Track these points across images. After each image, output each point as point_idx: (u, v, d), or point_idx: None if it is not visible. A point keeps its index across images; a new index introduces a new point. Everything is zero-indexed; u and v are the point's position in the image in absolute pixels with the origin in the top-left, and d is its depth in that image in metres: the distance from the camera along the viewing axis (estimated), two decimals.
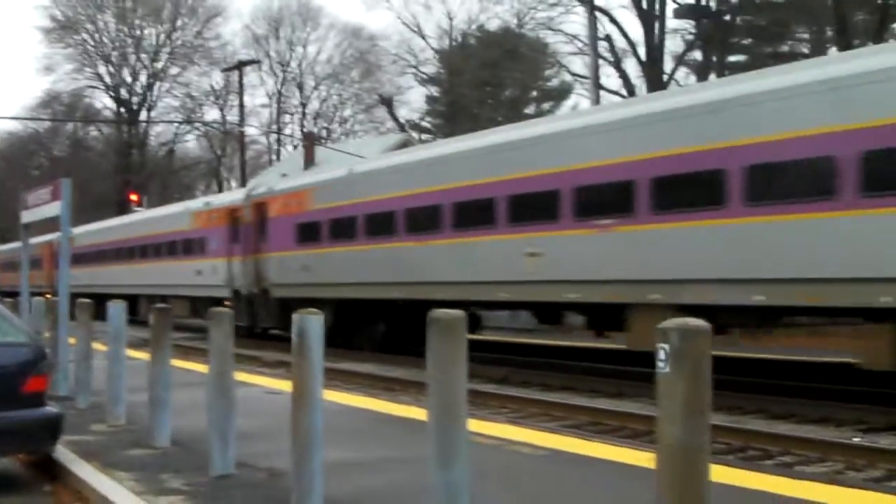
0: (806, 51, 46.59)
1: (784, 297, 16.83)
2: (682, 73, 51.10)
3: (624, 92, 48.47)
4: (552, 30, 53.29)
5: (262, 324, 34.33)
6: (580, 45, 51.50)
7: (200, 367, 18.34)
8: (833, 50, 39.90)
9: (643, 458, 9.31)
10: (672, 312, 17.42)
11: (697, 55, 50.95)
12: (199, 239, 40.30)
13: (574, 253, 20.80)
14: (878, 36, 37.97)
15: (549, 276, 21.36)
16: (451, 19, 78.22)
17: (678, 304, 18.05)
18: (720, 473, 8.40)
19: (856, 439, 14.41)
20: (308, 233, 31.39)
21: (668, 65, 49.74)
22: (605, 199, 20.20)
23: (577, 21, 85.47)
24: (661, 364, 4.97)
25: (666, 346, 4.97)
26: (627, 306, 19.79)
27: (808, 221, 16.36)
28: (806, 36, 49.64)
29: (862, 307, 15.81)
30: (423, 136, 63.54)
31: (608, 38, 49.15)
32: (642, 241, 19.26)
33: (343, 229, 29.36)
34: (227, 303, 33.98)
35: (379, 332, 29.89)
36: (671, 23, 49.40)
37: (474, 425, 9.16)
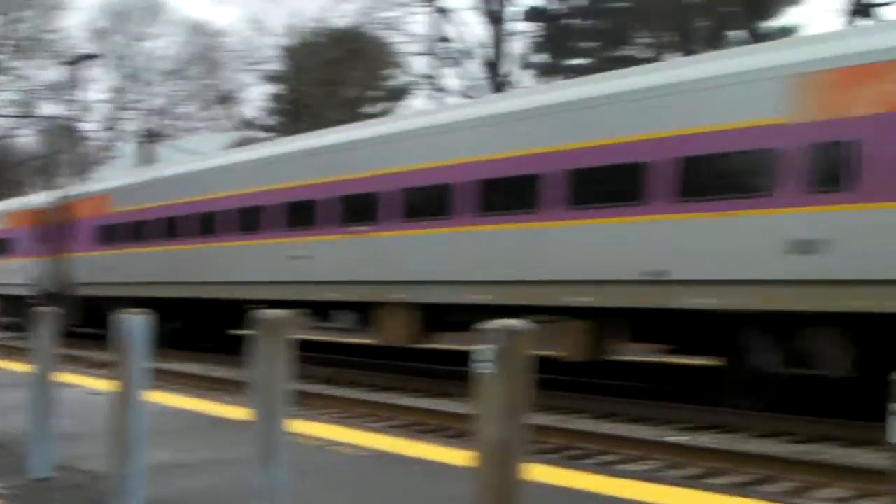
0: (650, 55, 47.47)
1: (505, 297, 18.81)
2: (528, 75, 51.60)
3: (470, 93, 48.71)
4: (397, 30, 53.30)
5: (69, 322, 34.64)
6: (425, 45, 51.61)
7: (23, 367, 17.88)
8: (674, 56, 40.72)
9: (464, 458, 9.39)
10: (416, 311, 21.35)
11: (544, 58, 51.47)
12: (11, 239, 41.38)
13: (334, 256, 23.19)
14: (716, 42, 39.25)
15: (316, 277, 23.59)
16: (296, 17, 77.81)
17: (422, 303, 20.90)
18: (542, 473, 8.53)
19: (672, 438, 14.79)
20: (110, 234, 33.54)
21: (515, 67, 50.21)
22: (358, 208, 22.65)
23: (424, 21, 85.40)
24: (481, 364, 5.00)
25: (487, 347, 5.00)
26: (379, 305, 22.06)
27: (520, 231, 18.91)
28: (650, 40, 50.57)
29: (563, 306, 18.03)
30: (266, 134, 62.89)
31: (451, 39, 49.38)
32: (390, 246, 21.62)
33: (140, 232, 31.64)
34: (28, 300, 34.43)
35: (168, 329, 30.39)
36: (520, 25, 49.90)
37: (299, 426, 9.13)
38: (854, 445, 13.66)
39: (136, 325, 7.53)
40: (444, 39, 48.36)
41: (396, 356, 25.65)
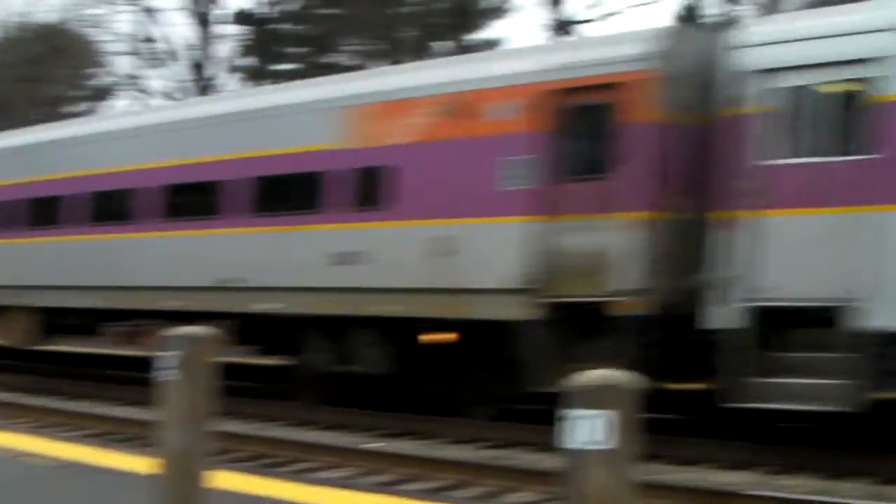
0: (358, 62, 47.78)
1: (112, 302, 20.68)
2: (235, 78, 50.97)
3: (176, 96, 47.84)
4: (102, 28, 51.85)
5: None
6: (131, 45, 50.35)
7: None
8: (381, 64, 41.17)
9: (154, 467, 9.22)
10: (36, 314, 22.70)
11: (251, 61, 50.99)
12: None
13: None
14: (423, 52, 40.01)
15: None
16: None
17: (41, 307, 22.42)
18: (234, 481, 8.49)
19: (369, 445, 14.93)
20: None
21: (222, 70, 49.55)
22: None
23: (130, 20, 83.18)
24: (164, 371, 4.94)
25: (169, 354, 4.95)
26: (6, 308, 23.29)
27: (123, 240, 20.62)
28: (359, 48, 50.89)
29: (160, 310, 19.30)
30: None
31: (157, 40, 48.38)
32: (15, 252, 23.15)
33: None
34: None
35: None
36: (229, 28, 49.27)
37: None
38: (542, 450, 14.09)
39: None
40: (150, 40, 47.42)
41: (93, 364, 25.11)
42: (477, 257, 15.56)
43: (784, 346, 12.99)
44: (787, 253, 12.97)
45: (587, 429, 3.45)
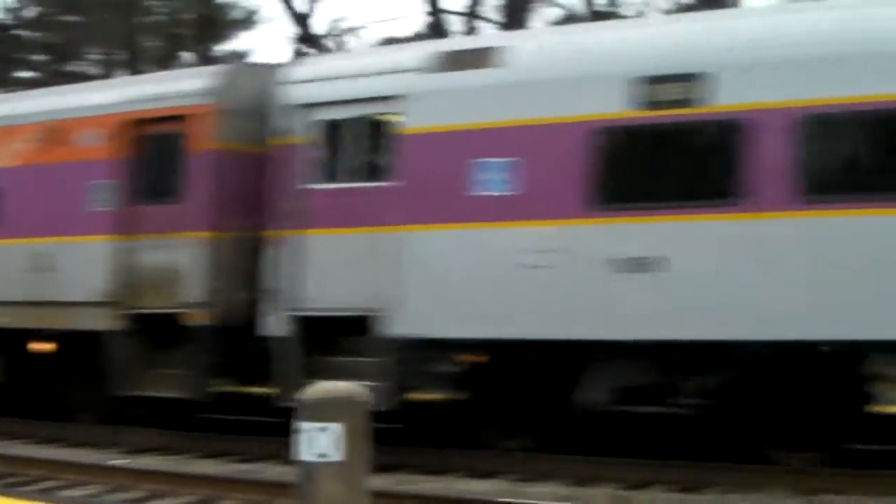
0: (101, 71, 46.69)
1: None
2: None
3: None
4: None
5: None
6: None
7: None
8: (125, 73, 40.37)
9: None
10: None
11: None
12: None
13: None
14: (168, 62, 39.51)
15: None
16: None
17: None
18: None
19: (116, 462, 14.77)
20: None
21: None
22: None
23: None
24: None
25: None
26: None
27: None
28: (100, 57, 49.72)
29: None
30: None
31: None
32: None
33: None
34: None
35: None
36: None
37: None
38: (290, 463, 14.12)
39: None
40: None
41: None
42: (71, 273, 17.03)
43: (328, 352, 14.72)
44: (323, 268, 14.73)
45: (316, 442, 3.59)
